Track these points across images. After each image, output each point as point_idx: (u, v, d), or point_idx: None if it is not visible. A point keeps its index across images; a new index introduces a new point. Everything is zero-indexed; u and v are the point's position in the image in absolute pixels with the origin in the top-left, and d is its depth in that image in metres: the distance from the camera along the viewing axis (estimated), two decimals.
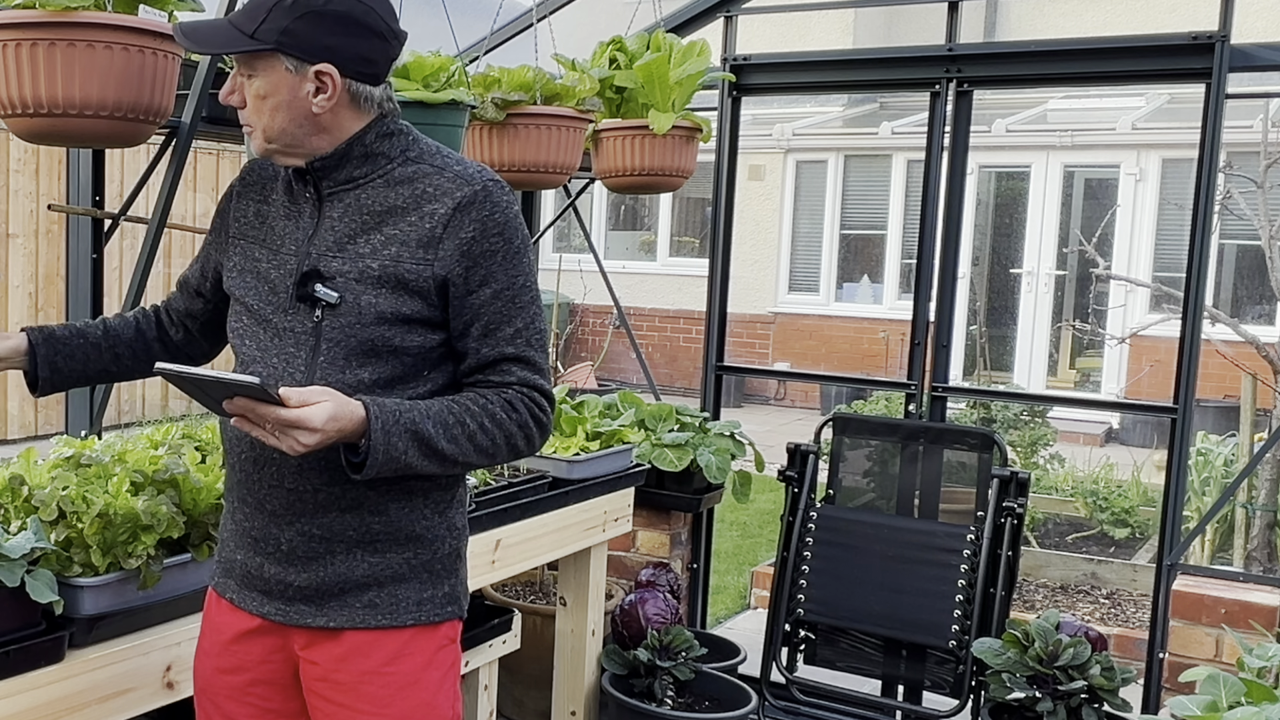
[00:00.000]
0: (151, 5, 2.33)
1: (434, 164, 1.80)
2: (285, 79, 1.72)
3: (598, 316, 12.54)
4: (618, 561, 4.09)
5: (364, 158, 1.79)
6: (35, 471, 2.12)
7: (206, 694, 1.95)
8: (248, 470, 1.84)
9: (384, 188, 1.79)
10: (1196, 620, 3.35)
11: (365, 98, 1.77)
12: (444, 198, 1.76)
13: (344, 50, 1.72)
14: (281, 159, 1.81)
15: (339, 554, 1.81)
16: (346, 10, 1.72)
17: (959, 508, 3.76)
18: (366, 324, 1.75)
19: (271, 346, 1.81)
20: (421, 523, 1.84)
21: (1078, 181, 11.12)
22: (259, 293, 1.84)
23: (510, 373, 1.79)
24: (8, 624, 1.87)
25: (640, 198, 13.36)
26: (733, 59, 4.16)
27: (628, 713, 3.46)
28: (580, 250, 10.86)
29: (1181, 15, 5.56)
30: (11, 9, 2.15)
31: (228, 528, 1.93)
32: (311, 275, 1.77)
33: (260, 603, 1.87)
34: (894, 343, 11.01)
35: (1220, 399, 8.90)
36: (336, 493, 1.79)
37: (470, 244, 1.75)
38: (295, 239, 1.82)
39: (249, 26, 1.70)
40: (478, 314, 1.77)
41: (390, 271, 1.75)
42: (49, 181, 8.52)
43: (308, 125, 1.76)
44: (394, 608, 1.83)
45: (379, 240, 1.77)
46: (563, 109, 3.17)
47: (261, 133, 1.77)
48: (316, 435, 1.62)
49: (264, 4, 1.70)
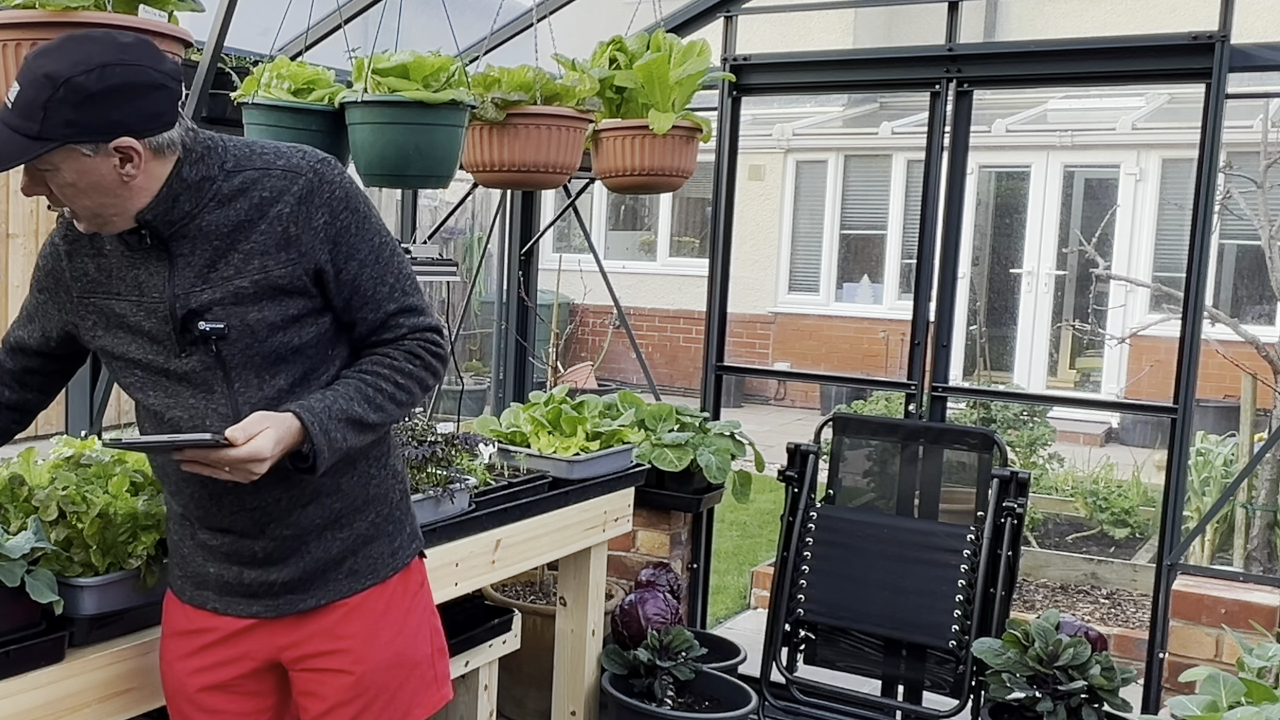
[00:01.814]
0: (151, 5, 2.33)
1: (256, 166, 1.80)
2: (87, 163, 1.67)
3: (598, 316, 12.54)
4: (618, 561, 4.09)
5: (187, 191, 1.76)
6: (35, 471, 2.12)
7: (183, 696, 1.99)
8: (205, 505, 1.89)
9: (219, 208, 1.78)
10: (1196, 620, 3.35)
11: (168, 144, 1.73)
12: (283, 195, 1.78)
13: (133, 118, 1.67)
14: (111, 229, 1.78)
15: (312, 543, 1.92)
16: (122, 81, 1.65)
17: (959, 508, 3.76)
18: (263, 338, 1.80)
19: (183, 390, 1.84)
20: (373, 484, 1.97)
21: (1078, 181, 11.12)
22: (141, 346, 1.84)
23: (400, 324, 1.89)
24: (8, 624, 1.87)
25: (640, 198, 13.36)
26: (733, 59, 4.16)
27: (628, 713, 3.46)
28: (580, 250, 10.85)
29: (1181, 15, 5.55)
30: (11, 9, 2.15)
31: (187, 545, 1.96)
32: (190, 316, 1.78)
33: (246, 605, 1.93)
34: (894, 343, 11.01)
35: (1220, 399, 8.89)
36: (295, 494, 1.88)
37: (325, 229, 1.80)
38: (154, 285, 1.80)
39: (31, 128, 1.63)
40: (355, 287, 1.84)
41: (263, 284, 1.78)
42: None
43: (123, 193, 1.72)
44: (372, 568, 1.97)
45: (239, 259, 1.78)
46: (563, 109, 3.17)
47: (85, 215, 1.74)
48: (268, 461, 1.72)
49: (36, 101, 1.63)
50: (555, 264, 8.30)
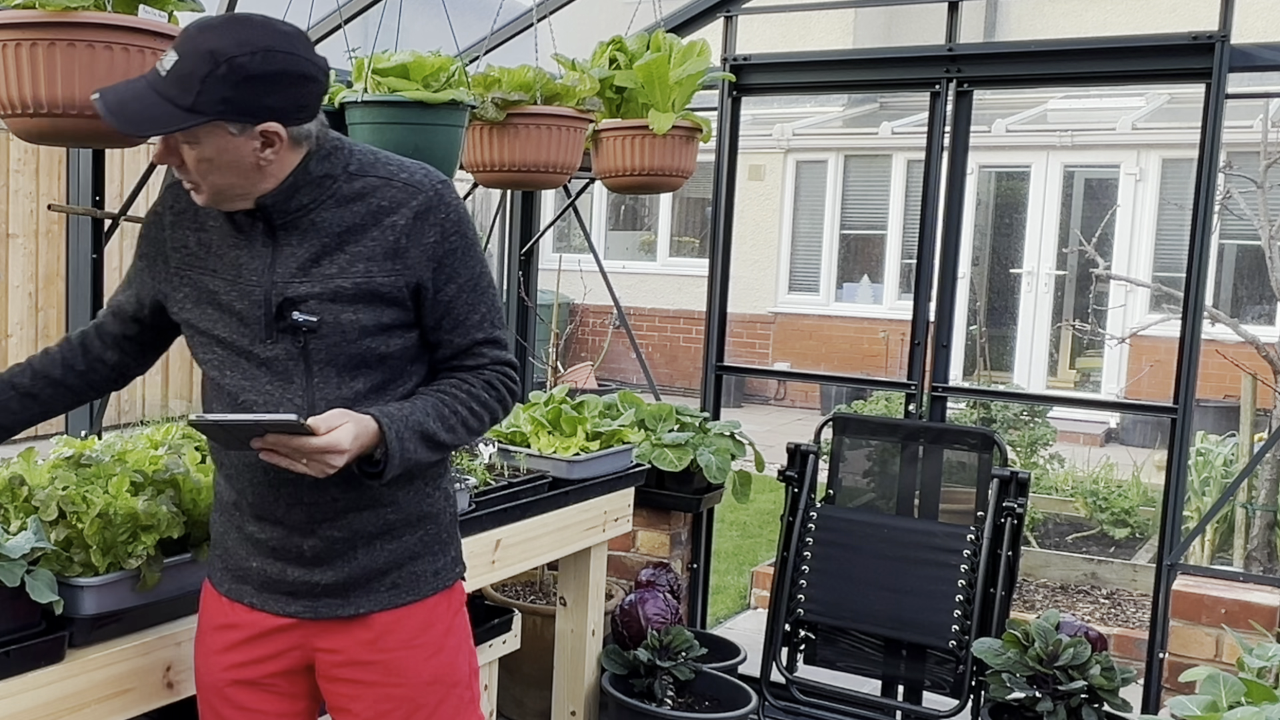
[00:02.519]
0: (151, 5, 2.33)
1: (380, 175, 1.84)
2: (230, 142, 1.72)
3: (598, 316, 12.54)
4: (618, 561, 4.09)
5: (309, 185, 1.81)
6: (35, 471, 2.12)
7: (215, 691, 1.98)
8: (261, 493, 1.89)
9: (335, 207, 1.82)
10: (1196, 620, 3.35)
11: (305, 136, 1.79)
12: (400, 208, 1.82)
13: (284, 105, 1.72)
14: (229, 207, 1.81)
15: (361, 549, 1.92)
16: (281, 68, 1.70)
17: (959, 508, 3.76)
18: (352, 339, 1.82)
19: (260, 375, 1.85)
20: (426, 501, 1.97)
21: (1078, 181, 11.12)
22: (228, 325, 1.86)
23: (483, 354, 1.93)
24: (8, 624, 1.87)
25: (640, 198, 13.36)
26: (733, 59, 4.16)
27: (628, 713, 3.46)
28: (580, 250, 10.85)
29: (1181, 15, 5.55)
30: (11, 9, 2.15)
31: (232, 538, 1.96)
32: (286, 305, 1.81)
33: (285, 603, 1.93)
34: (894, 343, 11.01)
35: (1220, 399, 8.90)
36: (353, 497, 1.88)
37: (433, 248, 1.83)
38: (254, 269, 1.83)
39: (184, 99, 1.67)
40: (448, 309, 1.87)
41: (364, 287, 1.81)
42: (49, 181, 8.51)
43: (255, 175, 1.76)
44: (415, 584, 1.97)
45: (344, 259, 1.81)
46: (563, 109, 3.17)
47: (209, 190, 1.78)
48: (345, 455, 1.73)
49: (195, 74, 1.66)
50: (555, 264, 8.30)
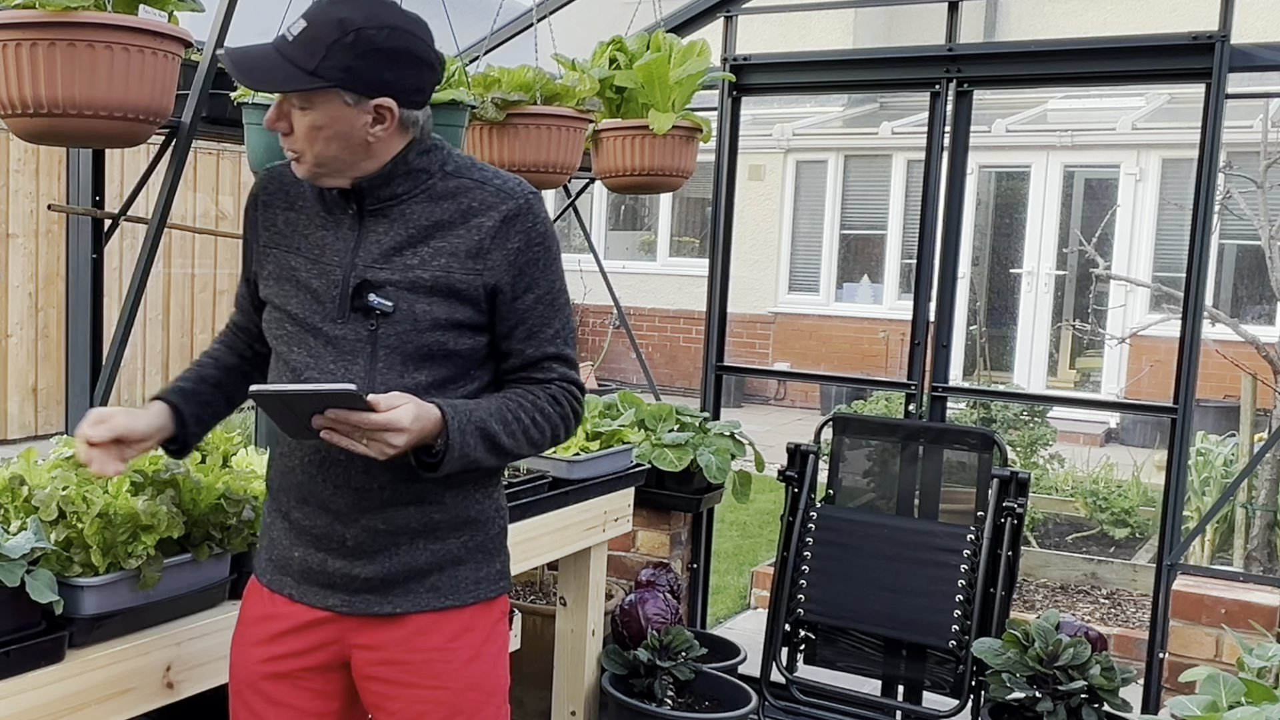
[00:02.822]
0: (151, 5, 2.33)
1: (473, 178, 1.88)
2: (343, 112, 1.76)
3: (598, 316, 12.54)
4: (618, 561, 4.09)
5: (406, 175, 1.85)
6: (35, 471, 2.12)
7: (250, 686, 1.98)
8: (310, 473, 1.89)
9: (427, 202, 1.86)
10: (1196, 620, 3.35)
11: (412, 122, 1.84)
12: (490, 211, 1.85)
13: (401, 84, 1.78)
14: (327, 181, 1.85)
15: (403, 545, 1.90)
16: (405, 46, 1.76)
17: (959, 508, 3.76)
18: (422, 330, 1.83)
19: (325, 354, 1.86)
20: (475, 507, 1.96)
21: (1078, 181, 11.12)
22: (301, 301, 1.88)
23: (552, 370, 1.93)
24: (8, 624, 1.87)
25: (640, 198, 13.36)
26: (733, 59, 4.16)
27: (628, 713, 3.46)
28: (580, 250, 10.85)
29: (1181, 15, 5.55)
30: (11, 9, 2.15)
31: (278, 527, 1.97)
32: (362, 286, 1.83)
33: (323, 596, 1.92)
34: (894, 343, 11.01)
35: (1220, 399, 8.90)
36: (401, 489, 1.87)
37: (516, 254, 1.85)
38: (337, 250, 1.87)
39: (308, 63, 1.72)
40: (523, 318, 1.88)
41: (442, 281, 1.83)
42: (49, 181, 8.51)
43: (359, 152, 1.80)
44: (455, 589, 1.94)
45: (427, 252, 1.84)
46: (563, 109, 3.17)
47: (312, 160, 1.81)
48: (405, 435, 1.71)
49: (322, 40, 1.72)
50: None
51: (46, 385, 8.59)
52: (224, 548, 2.19)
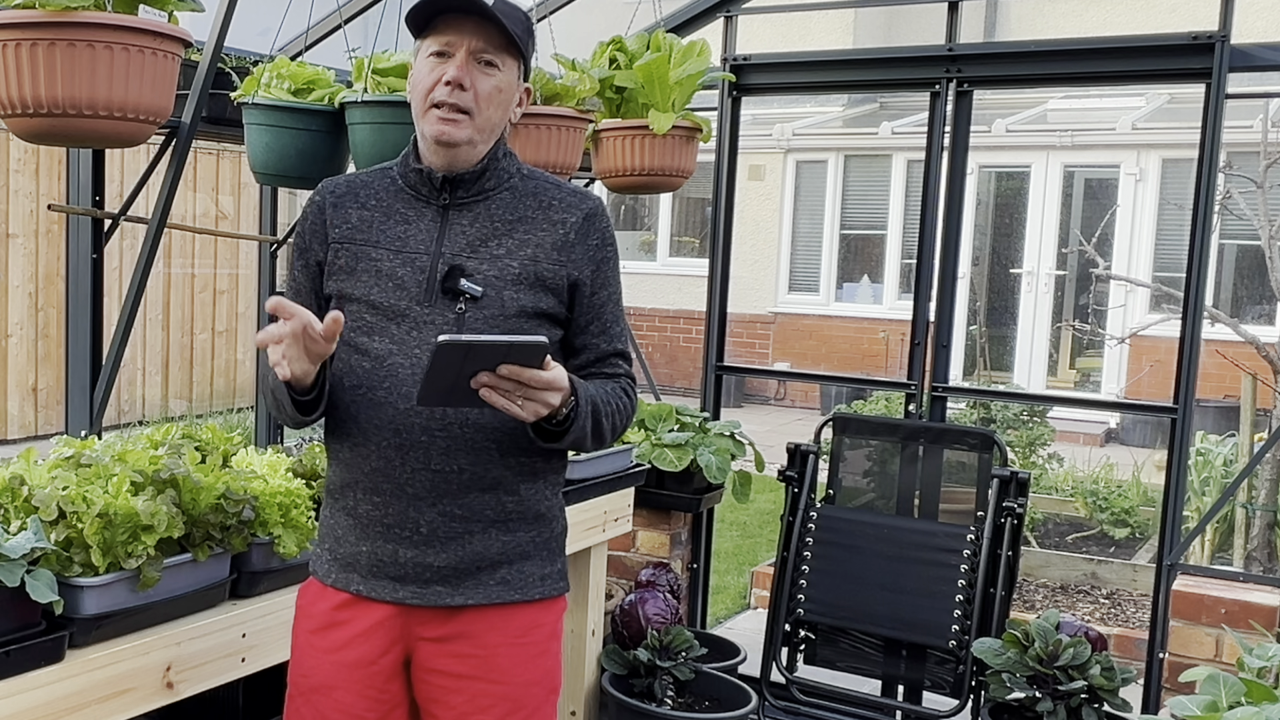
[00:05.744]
0: (151, 5, 2.33)
1: (549, 182, 2.00)
2: (513, 84, 1.92)
3: None
4: (618, 561, 4.09)
5: (495, 170, 1.94)
6: (35, 471, 2.12)
7: (320, 692, 1.95)
8: (389, 457, 1.89)
9: (511, 199, 1.95)
10: (1196, 620, 3.35)
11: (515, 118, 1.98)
12: (573, 209, 1.95)
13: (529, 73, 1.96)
14: (459, 157, 1.90)
15: (476, 533, 1.92)
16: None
17: (959, 508, 3.76)
18: (509, 316, 1.89)
19: (410, 339, 1.88)
20: (544, 502, 1.99)
21: (1078, 181, 11.12)
22: (384, 289, 1.91)
23: (619, 366, 2.02)
24: (8, 624, 1.87)
25: (640, 198, 13.36)
26: (733, 59, 4.16)
27: (628, 713, 3.46)
28: None
29: (1181, 15, 5.56)
30: (11, 9, 2.15)
31: (343, 525, 1.96)
32: (454, 271, 1.89)
33: (393, 589, 1.92)
34: (894, 343, 11.01)
35: (1220, 399, 8.90)
36: (479, 473, 1.89)
37: (596, 251, 1.96)
38: (421, 241, 1.92)
39: (517, 27, 1.87)
40: (598, 313, 1.98)
41: (530, 270, 1.90)
42: (49, 181, 8.52)
43: (497, 129, 1.93)
44: (524, 583, 1.96)
45: (513, 243, 1.91)
46: (563, 109, 3.17)
47: (477, 123, 1.88)
48: (560, 395, 1.76)
49: (520, 16, 1.88)
50: None
51: (46, 385, 8.59)
52: (224, 548, 2.19)
